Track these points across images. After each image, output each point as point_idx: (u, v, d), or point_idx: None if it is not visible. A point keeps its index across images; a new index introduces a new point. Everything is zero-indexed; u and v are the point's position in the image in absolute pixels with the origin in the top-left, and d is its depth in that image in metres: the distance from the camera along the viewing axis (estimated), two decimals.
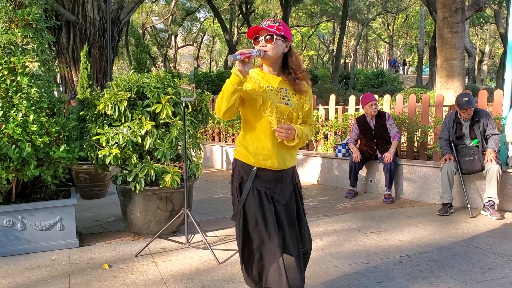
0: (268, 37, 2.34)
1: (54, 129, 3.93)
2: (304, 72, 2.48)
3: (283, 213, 2.48)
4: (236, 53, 2.21)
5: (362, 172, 6.42)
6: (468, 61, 26.89)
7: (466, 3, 11.78)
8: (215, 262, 3.71)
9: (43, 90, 4.07)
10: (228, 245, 4.17)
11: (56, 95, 4.71)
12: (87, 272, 3.55)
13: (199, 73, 23.70)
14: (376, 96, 6.23)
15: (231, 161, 9.16)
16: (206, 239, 3.94)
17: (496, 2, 20.22)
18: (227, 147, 8.82)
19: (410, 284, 3.26)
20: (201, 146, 4.74)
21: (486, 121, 5.21)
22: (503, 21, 21.55)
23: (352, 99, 7.36)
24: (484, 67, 40.40)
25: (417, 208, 5.48)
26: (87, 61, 6.35)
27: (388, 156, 5.81)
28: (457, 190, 5.44)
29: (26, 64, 3.99)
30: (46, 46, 4.31)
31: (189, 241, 4.20)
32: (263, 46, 2.35)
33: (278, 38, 2.36)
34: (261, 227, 2.42)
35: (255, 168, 2.45)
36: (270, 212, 2.43)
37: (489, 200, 5.03)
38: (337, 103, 7.88)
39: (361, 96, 6.29)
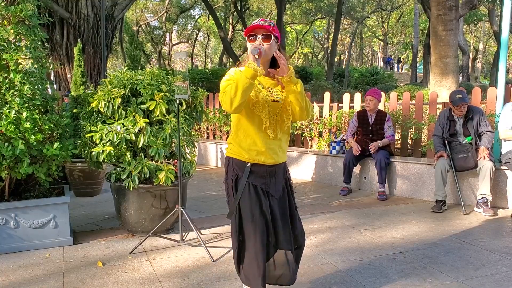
0: (265, 36, 2.36)
1: (47, 127, 3.91)
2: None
3: (277, 207, 2.53)
4: (254, 47, 2.27)
5: (356, 169, 6.44)
6: (462, 58, 27.00)
7: (460, 1, 11.82)
8: (209, 260, 3.71)
9: (36, 87, 4.04)
10: (222, 242, 4.17)
11: (50, 92, 4.69)
12: (81, 270, 3.54)
13: (198, 70, 23.65)
14: (382, 94, 6.29)
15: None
16: (200, 237, 3.94)
17: (490, 0, 20.29)
18: (221, 144, 8.82)
19: (403, 280, 3.27)
20: (195, 143, 4.73)
21: (480, 118, 5.23)
22: (496, 19, 21.64)
23: (346, 96, 7.37)
24: (478, 65, 40.57)
25: (411, 205, 5.50)
26: (81, 58, 6.32)
27: (374, 145, 5.91)
28: (450, 187, 5.46)
29: (19, 61, 3.97)
30: (39, 43, 4.28)
31: (183, 238, 4.19)
32: (261, 44, 2.36)
33: (273, 38, 2.39)
34: (258, 222, 2.44)
35: (249, 164, 2.48)
36: (266, 206, 2.47)
37: (483, 197, 5.05)
38: (331, 101, 7.89)
39: None
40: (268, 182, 2.52)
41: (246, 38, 2.43)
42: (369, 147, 5.97)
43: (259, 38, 2.36)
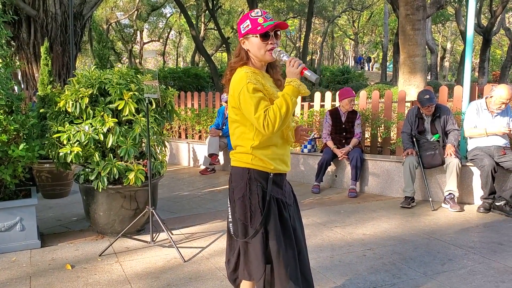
0: (278, 33, 2.20)
1: (12, 127, 3.81)
2: None
3: (295, 215, 2.37)
4: (301, 66, 2.06)
5: (329, 168, 6.49)
6: (431, 57, 27.57)
7: (428, 1, 12.05)
8: (180, 260, 3.68)
9: (0, 87, 3.94)
10: (193, 242, 4.15)
11: (16, 92, 4.58)
12: (49, 273, 3.47)
13: (169, 69, 23.46)
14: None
15: (199, 159, 8.95)
16: (171, 237, 3.91)
17: (457, 1, 20.75)
18: (193, 144, 8.77)
19: (373, 277, 3.32)
20: (166, 143, 4.69)
21: (447, 117, 5.35)
22: (463, 19, 22.14)
23: (317, 95, 7.42)
24: (446, 64, 41.49)
25: (381, 202, 5.59)
26: (48, 57, 6.17)
27: (345, 149, 6.10)
28: (419, 184, 5.57)
29: None
30: (3, 41, 4.18)
31: (154, 239, 4.15)
32: (275, 43, 2.17)
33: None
34: (290, 239, 2.25)
35: (271, 174, 2.23)
36: (288, 221, 2.27)
37: (450, 193, 5.17)
38: (303, 100, 7.93)
39: (340, 90, 6.40)
40: (284, 191, 2.31)
41: (258, 36, 2.14)
42: (338, 157, 6.15)
43: (272, 36, 2.15)
